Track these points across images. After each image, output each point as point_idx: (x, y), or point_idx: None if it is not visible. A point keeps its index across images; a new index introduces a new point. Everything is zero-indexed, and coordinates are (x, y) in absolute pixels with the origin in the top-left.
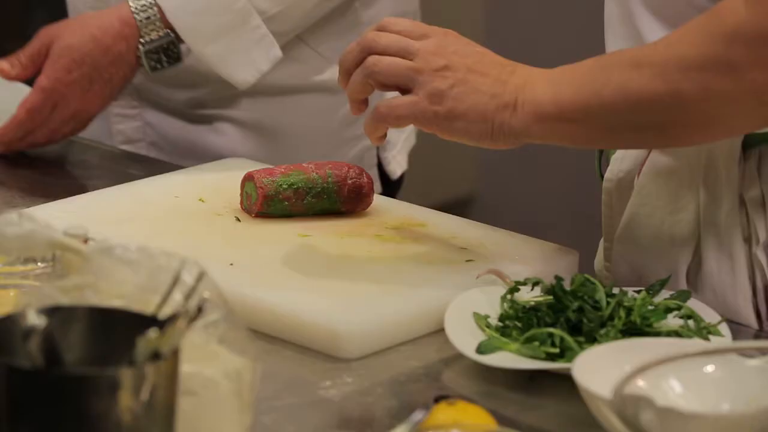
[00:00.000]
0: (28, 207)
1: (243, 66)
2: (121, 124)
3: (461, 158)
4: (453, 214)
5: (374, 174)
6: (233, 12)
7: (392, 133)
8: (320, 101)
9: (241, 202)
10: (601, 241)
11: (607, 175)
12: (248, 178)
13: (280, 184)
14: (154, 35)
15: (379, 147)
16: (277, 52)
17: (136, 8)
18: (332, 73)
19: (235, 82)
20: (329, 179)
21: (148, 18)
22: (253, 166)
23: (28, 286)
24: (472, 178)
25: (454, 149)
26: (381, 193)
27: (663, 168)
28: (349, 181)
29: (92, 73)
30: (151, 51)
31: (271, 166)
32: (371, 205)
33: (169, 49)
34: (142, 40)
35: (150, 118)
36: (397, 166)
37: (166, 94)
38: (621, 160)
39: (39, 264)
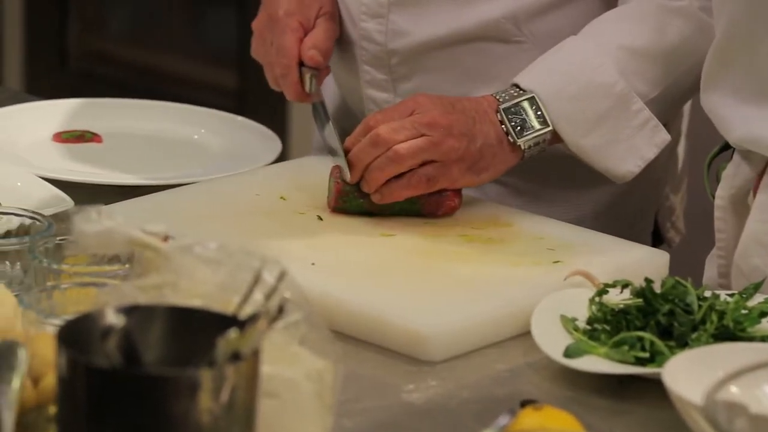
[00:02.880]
0: (109, 204)
1: (625, 156)
2: None
3: None
4: None
5: (647, 241)
6: (613, 96)
7: (675, 199)
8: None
9: (327, 198)
10: (709, 257)
11: (719, 192)
12: (331, 174)
13: (359, 182)
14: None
15: (658, 214)
16: (665, 136)
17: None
18: None
19: (615, 175)
20: None
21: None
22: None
23: (107, 284)
24: None
25: None
26: None
27: None
28: None
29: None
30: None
31: None
32: None
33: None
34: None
35: None
36: (675, 233)
37: None
38: (733, 177)
39: (124, 264)
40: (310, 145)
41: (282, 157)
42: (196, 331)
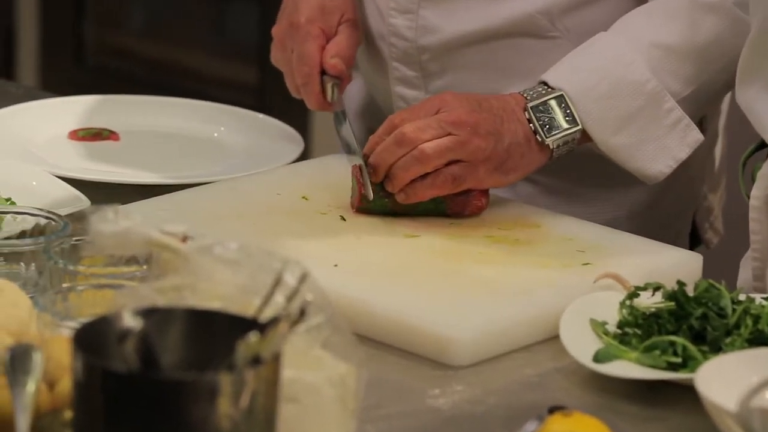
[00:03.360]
0: (126, 203)
1: (656, 156)
2: None
3: None
4: None
5: (684, 242)
6: (644, 95)
7: (713, 199)
8: None
9: (351, 198)
10: (744, 259)
11: (754, 192)
12: (352, 171)
13: (383, 181)
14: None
15: (696, 214)
16: (698, 136)
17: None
18: None
19: (646, 175)
20: None
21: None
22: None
23: (124, 286)
24: None
25: None
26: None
27: None
28: None
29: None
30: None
31: None
32: None
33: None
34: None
35: None
36: (714, 234)
37: None
38: None
39: (142, 266)
40: (332, 144)
41: (304, 156)
42: (216, 334)
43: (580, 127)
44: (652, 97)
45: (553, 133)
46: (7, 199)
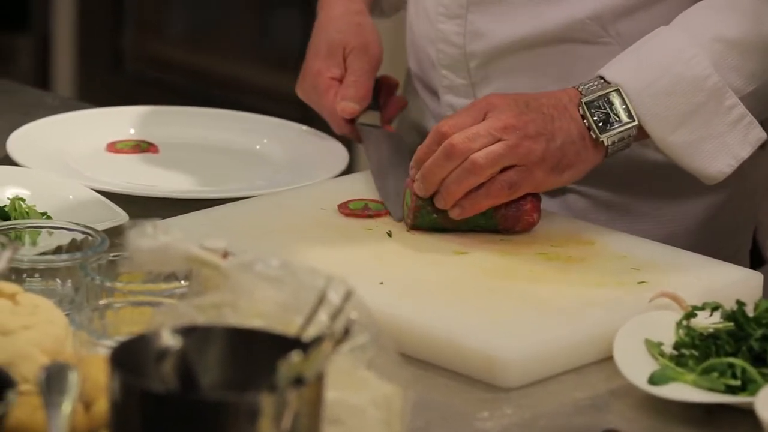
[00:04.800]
0: (165, 218)
1: (716, 154)
2: None
3: None
4: None
5: (745, 260)
6: (705, 91)
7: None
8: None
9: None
10: None
11: None
12: (405, 186)
13: (432, 195)
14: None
15: (756, 230)
16: (761, 134)
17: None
18: None
19: (706, 175)
20: None
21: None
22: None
23: (163, 303)
24: None
25: None
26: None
27: None
28: None
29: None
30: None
31: None
32: None
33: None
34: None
35: None
36: None
37: None
38: None
39: (181, 282)
40: None
41: (349, 169)
42: (257, 353)
43: (636, 123)
44: (713, 93)
45: (609, 129)
46: (43, 214)
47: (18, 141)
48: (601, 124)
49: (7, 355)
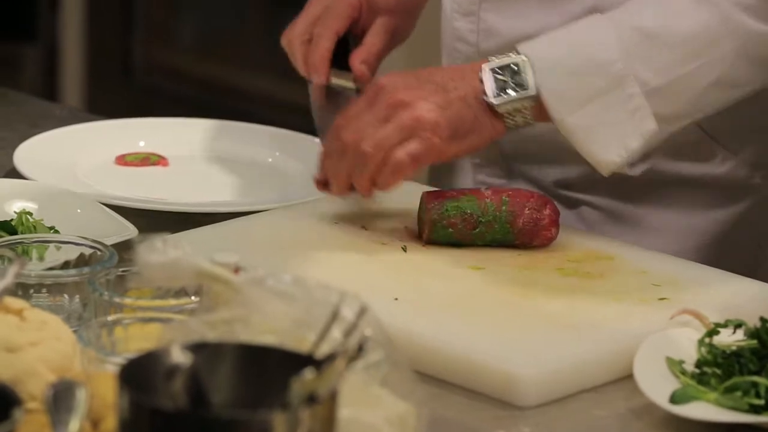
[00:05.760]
0: (175, 232)
1: (610, 141)
2: None
3: None
4: None
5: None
6: (609, 76)
7: None
8: (708, 198)
9: (418, 228)
10: None
11: None
12: (420, 200)
13: (447, 209)
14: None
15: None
16: (651, 125)
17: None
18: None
19: (598, 162)
20: (504, 207)
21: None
22: (421, 190)
23: (173, 320)
24: None
25: None
26: None
27: None
28: (526, 212)
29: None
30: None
31: (445, 189)
32: None
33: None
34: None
35: None
36: None
37: (535, 171)
38: None
39: (192, 298)
40: None
41: None
42: (269, 370)
43: (531, 93)
44: (616, 79)
45: (502, 95)
46: (51, 228)
47: (25, 153)
48: (497, 90)
49: (13, 373)
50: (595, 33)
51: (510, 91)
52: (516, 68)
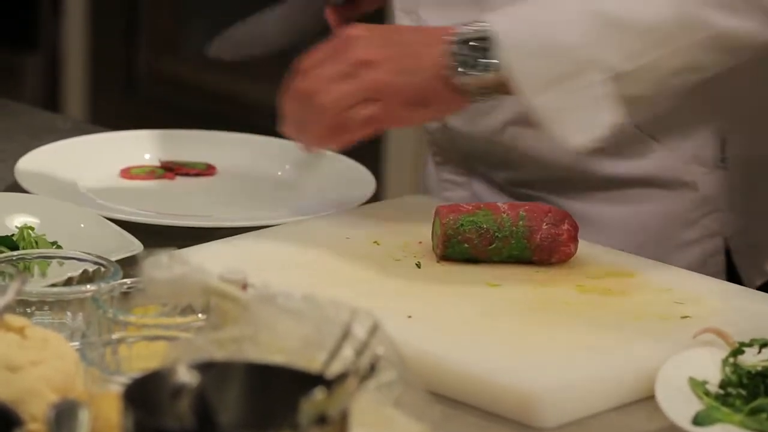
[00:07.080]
0: (182, 247)
1: (579, 126)
2: (450, 192)
3: None
4: None
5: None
6: (574, 61)
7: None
8: (652, 195)
9: (432, 243)
10: None
11: None
12: (435, 214)
13: (462, 224)
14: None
15: (733, 252)
16: (616, 111)
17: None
18: (671, 167)
19: (570, 146)
20: (521, 222)
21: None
22: (434, 204)
23: (179, 338)
24: None
25: None
26: None
27: None
28: (544, 227)
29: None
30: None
31: (460, 203)
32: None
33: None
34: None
35: (477, 189)
36: (756, 274)
37: (489, 172)
38: None
39: (199, 315)
40: (407, 184)
41: (376, 197)
42: (278, 390)
43: (495, 71)
44: (579, 64)
45: (466, 73)
46: (53, 243)
47: (27, 166)
48: (461, 65)
49: (14, 392)
50: (561, 15)
51: (475, 71)
52: (483, 44)
